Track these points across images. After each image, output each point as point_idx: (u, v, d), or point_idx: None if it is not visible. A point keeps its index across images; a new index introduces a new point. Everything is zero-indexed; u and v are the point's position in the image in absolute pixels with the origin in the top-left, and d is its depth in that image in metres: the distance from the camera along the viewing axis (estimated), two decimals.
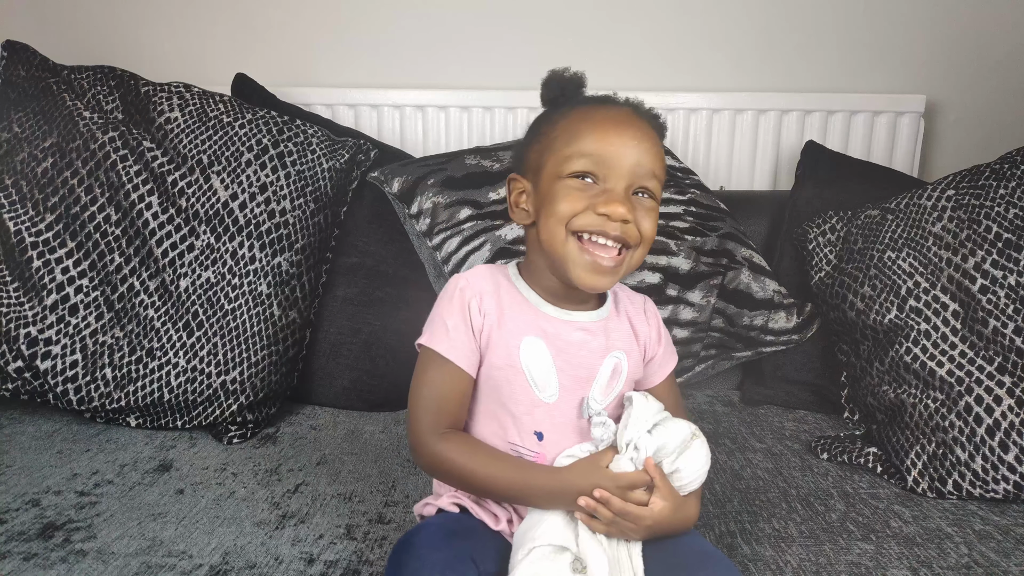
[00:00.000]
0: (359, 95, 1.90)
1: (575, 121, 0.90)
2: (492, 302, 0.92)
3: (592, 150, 0.87)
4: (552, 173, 0.89)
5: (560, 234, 0.88)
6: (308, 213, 1.50)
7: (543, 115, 0.97)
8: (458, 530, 0.86)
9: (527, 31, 1.92)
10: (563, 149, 0.89)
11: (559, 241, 0.88)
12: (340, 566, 0.96)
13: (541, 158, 0.91)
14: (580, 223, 0.87)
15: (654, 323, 1.01)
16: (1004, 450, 1.14)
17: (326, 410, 1.50)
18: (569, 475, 0.86)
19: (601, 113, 0.90)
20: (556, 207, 0.88)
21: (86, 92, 1.58)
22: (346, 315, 1.55)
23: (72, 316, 1.39)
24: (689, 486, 0.88)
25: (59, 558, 0.96)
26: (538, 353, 0.91)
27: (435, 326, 0.93)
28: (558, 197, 0.88)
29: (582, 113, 0.91)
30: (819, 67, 1.91)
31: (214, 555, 0.97)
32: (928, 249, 1.35)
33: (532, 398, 0.90)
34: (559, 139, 0.90)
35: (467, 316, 0.91)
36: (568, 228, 0.88)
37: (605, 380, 0.93)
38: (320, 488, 1.17)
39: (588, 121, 0.89)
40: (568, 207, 0.87)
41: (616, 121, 0.89)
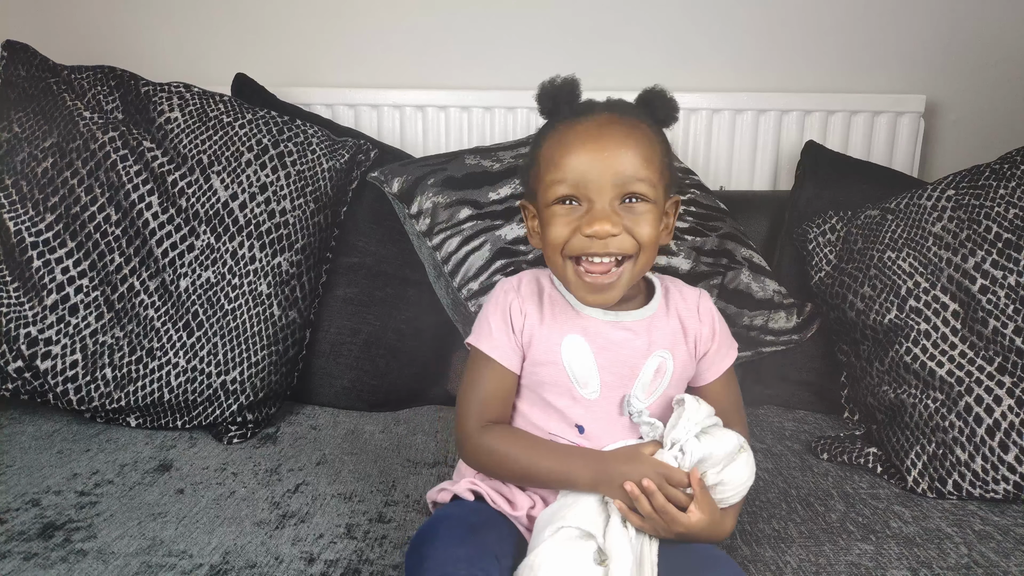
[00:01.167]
0: (359, 95, 1.90)
1: (553, 144, 0.91)
2: (533, 303, 0.96)
3: (568, 175, 0.88)
4: (543, 200, 0.92)
5: (557, 260, 0.92)
6: (308, 213, 1.50)
7: (538, 133, 0.97)
8: (478, 523, 0.87)
9: (527, 31, 1.92)
10: (546, 176, 0.91)
11: (558, 267, 0.92)
12: (340, 566, 0.96)
13: (536, 184, 0.93)
14: (572, 248, 0.89)
15: (707, 319, 1.01)
16: (1004, 450, 1.14)
17: (326, 410, 1.50)
18: (611, 459, 0.88)
19: (574, 131, 0.90)
20: (548, 236, 0.91)
21: (86, 92, 1.57)
22: (346, 315, 1.55)
23: (72, 316, 1.40)
24: (730, 500, 0.89)
25: (59, 558, 0.96)
26: (580, 351, 0.93)
27: (480, 326, 0.97)
28: (548, 225, 0.91)
29: (559, 134, 0.91)
30: (819, 67, 1.91)
31: (214, 555, 0.97)
32: (928, 249, 1.35)
33: (574, 394, 0.93)
34: (543, 166, 0.92)
35: (508, 316, 0.95)
36: (563, 254, 0.91)
37: (648, 378, 0.94)
38: (320, 488, 1.17)
39: (562, 144, 0.90)
40: (557, 234, 0.90)
41: (588, 135, 0.89)
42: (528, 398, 0.96)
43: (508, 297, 0.96)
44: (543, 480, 0.90)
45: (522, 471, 0.91)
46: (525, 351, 0.95)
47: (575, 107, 0.94)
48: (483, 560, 0.79)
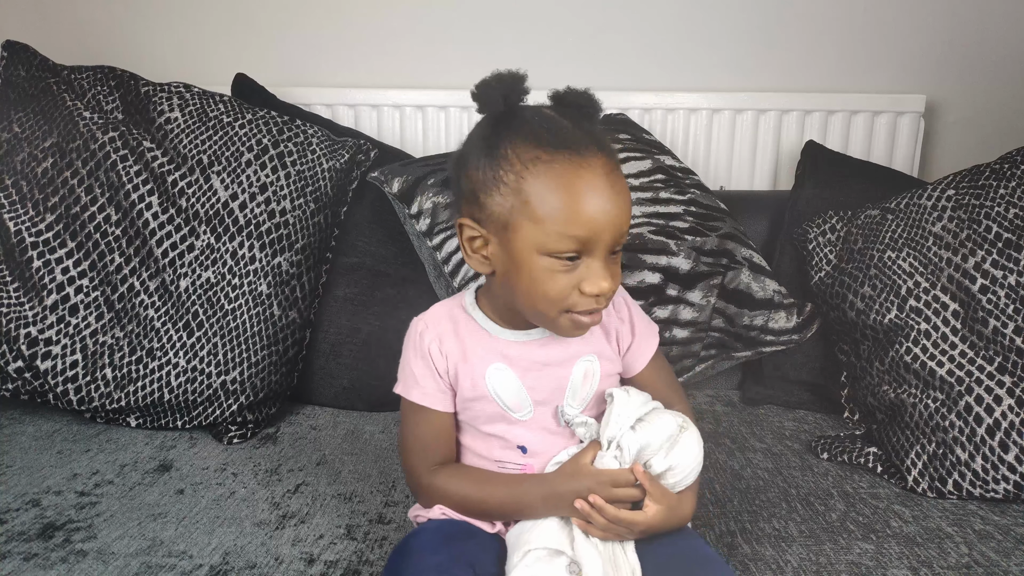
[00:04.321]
0: (359, 95, 1.90)
1: (553, 187, 0.80)
2: (452, 341, 0.92)
3: (579, 231, 0.80)
4: (531, 244, 0.82)
5: (551, 313, 0.85)
6: (308, 213, 1.50)
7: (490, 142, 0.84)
8: (455, 533, 0.87)
9: (527, 31, 1.92)
10: (543, 221, 0.80)
11: (548, 318, 0.86)
12: (340, 566, 0.96)
13: (510, 216, 0.82)
14: (570, 305, 0.84)
15: (624, 314, 0.98)
16: (1004, 450, 1.14)
17: (326, 410, 1.50)
18: (556, 480, 0.87)
19: (581, 179, 0.80)
20: (545, 290, 0.83)
21: (86, 92, 1.57)
22: (346, 315, 1.55)
23: (72, 316, 1.40)
24: (682, 483, 0.87)
25: (59, 558, 0.96)
26: (505, 378, 0.90)
27: (405, 375, 0.94)
28: (545, 281, 0.83)
29: (561, 177, 0.80)
30: (819, 67, 1.91)
31: (214, 555, 0.97)
32: (928, 249, 1.35)
33: (508, 419, 0.91)
34: (535, 204, 0.80)
35: (430, 361, 0.91)
36: (559, 309, 0.84)
37: (577, 386, 0.92)
38: (320, 488, 1.17)
39: (570, 191, 0.80)
40: (558, 292, 0.82)
41: (596, 187, 0.80)
42: (467, 431, 0.95)
43: (425, 340, 0.92)
44: (499, 513, 0.90)
45: (477, 507, 0.90)
46: (454, 388, 0.92)
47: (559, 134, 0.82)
48: (457, 568, 0.79)
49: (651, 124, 1.87)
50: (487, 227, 0.85)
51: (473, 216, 0.86)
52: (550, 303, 0.83)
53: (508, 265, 0.84)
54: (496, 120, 0.86)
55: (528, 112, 0.86)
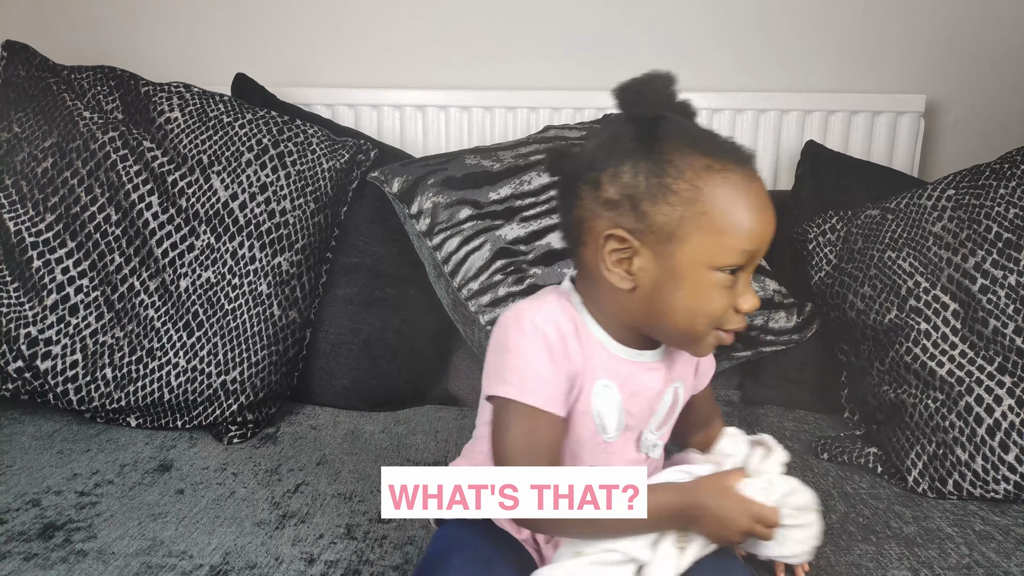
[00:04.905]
0: (359, 95, 1.90)
1: (725, 194, 0.76)
2: (575, 345, 0.82)
3: (750, 244, 0.77)
4: (698, 258, 0.77)
5: (704, 330, 0.80)
6: (308, 213, 1.50)
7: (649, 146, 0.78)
8: (492, 556, 0.82)
9: (527, 31, 1.91)
10: (717, 234, 0.76)
11: (698, 335, 0.81)
12: (340, 566, 0.96)
13: (678, 227, 0.76)
14: (725, 322, 0.80)
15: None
16: (1004, 450, 1.14)
17: (326, 410, 1.50)
18: (698, 494, 0.81)
19: (750, 190, 0.78)
20: (709, 307, 0.78)
21: (86, 92, 1.58)
22: (346, 315, 1.55)
23: (72, 316, 1.39)
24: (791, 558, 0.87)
25: (59, 558, 0.96)
26: (609, 398, 0.84)
27: (524, 375, 0.80)
28: (710, 297, 0.78)
29: (734, 184, 0.77)
30: (819, 67, 1.91)
31: (214, 555, 0.97)
32: (928, 249, 1.35)
33: (596, 440, 0.85)
34: (708, 215, 0.76)
35: (563, 363, 0.81)
36: (713, 326, 0.80)
37: (664, 413, 0.89)
38: (320, 488, 1.17)
39: (743, 202, 0.77)
40: (720, 308, 0.79)
41: (760, 200, 0.78)
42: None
43: (551, 338, 0.80)
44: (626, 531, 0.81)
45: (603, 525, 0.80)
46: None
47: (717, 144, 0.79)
48: None
49: None
50: (642, 238, 0.78)
51: (623, 225, 0.78)
52: (709, 320, 0.79)
53: (662, 279, 0.78)
54: (650, 123, 0.80)
55: (675, 118, 0.81)
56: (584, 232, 0.82)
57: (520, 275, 1.43)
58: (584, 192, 0.81)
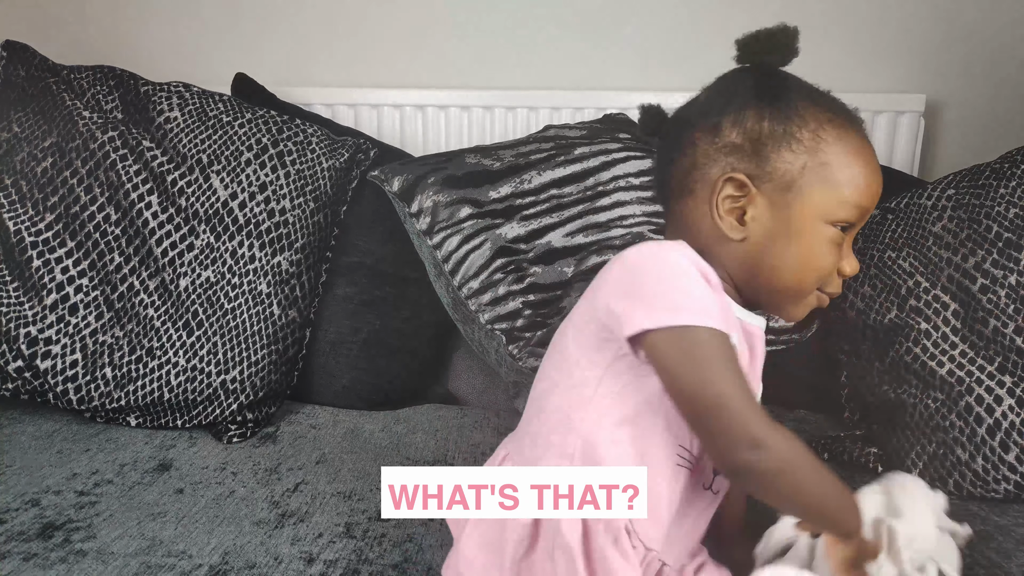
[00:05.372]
0: (359, 95, 1.90)
1: (848, 147, 0.76)
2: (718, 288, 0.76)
3: (867, 201, 0.76)
4: (816, 211, 0.75)
5: (810, 288, 0.78)
6: (308, 212, 1.50)
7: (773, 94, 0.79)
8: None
9: (527, 31, 1.91)
10: (839, 186, 0.75)
11: (803, 294, 0.78)
12: (340, 566, 0.96)
13: (799, 176, 0.75)
14: (828, 283, 0.79)
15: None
16: (1005, 450, 1.14)
17: (326, 409, 1.50)
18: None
19: (867, 146, 0.77)
20: (820, 262, 0.76)
21: (86, 92, 1.58)
22: (346, 314, 1.55)
23: (72, 316, 1.39)
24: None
25: (59, 558, 0.96)
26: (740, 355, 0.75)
27: (698, 302, 0.71)
28: (823, 252, 0.76)
29: (853, 139, 0.77)
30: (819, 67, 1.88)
31: (214, 555, 0.97)
32: (928, 249, 1.35)
33: None
34: (830, 167, 0.75)
35: (716, 293, 0.74)
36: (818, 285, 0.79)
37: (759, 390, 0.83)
38: (320, 487, 1.17)
39: (862, 157, 0.76)
40: (829, 266, 0.77)
41: (874, 160, 0.78)
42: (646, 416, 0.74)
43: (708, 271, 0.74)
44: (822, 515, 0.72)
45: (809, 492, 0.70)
46: None
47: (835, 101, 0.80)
48: None
49: None
50: (760, 185, 0.76)
51: (743, 171, 0.77)
52: (819, 277, 0.77)
53: (776, 231, 0.76)
54: (773, 74, 0.81)
55: (792, 74, 0.82)
56: (694, 180, 0.79)
57: (520, 274, 1.43)
58: (699, 138, 0.80)
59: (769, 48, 0.83)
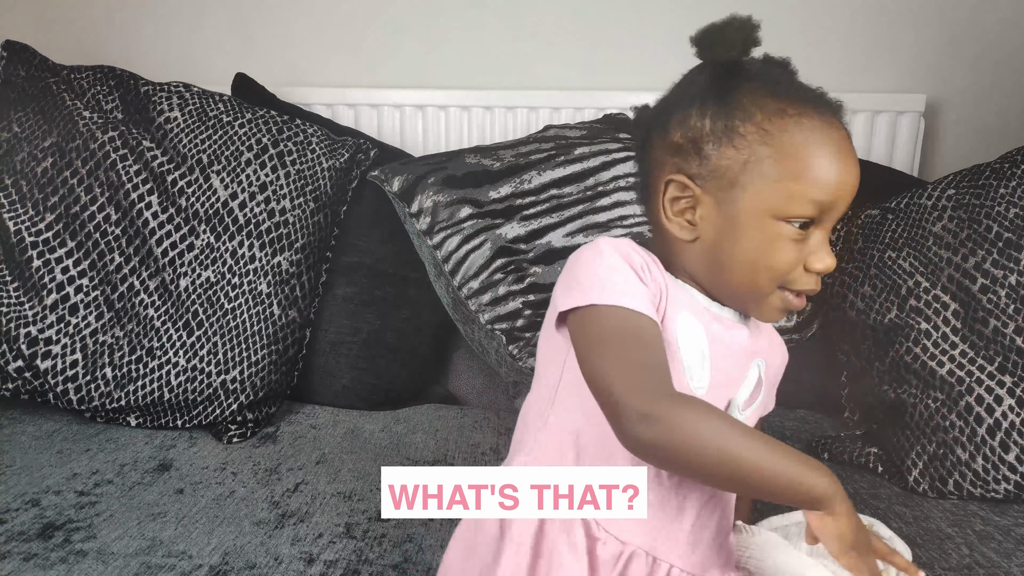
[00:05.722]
0: (359, 95, 1.90)
1: (796, 139, 0.72)
2: (657, 274, 0.76)
3: (822, 195, 0.72)
4: (762, 206, 0.73)
5: (767, 288, 0.75)
6: (308, 212, 1.50)
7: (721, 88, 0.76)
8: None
9: (527, 31, 1.91)
10: (785, 180, 0.72)
11: (761, 293, 0.76)
12: (340, 566, 0.96)
13: (742, 172, 0.73)
14: (791, 282, 0.75)
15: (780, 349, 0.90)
16: (1005, 450, 1.14)
17: (326, 409, 1.50)
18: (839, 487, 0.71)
19: (827, 136, 0.73)
20: (771, 260, 0.74)
21: (86, 92, 1.57)
22: (346, 314, 1.55)
23: (72, 316, 1.39)
24: None
25: (59, 558, 0.96)
26: (694, 333, 0.76)
27: (604, 284, 0.71)
28: (773, 249, 0.73)
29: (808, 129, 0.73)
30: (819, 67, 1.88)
31: (214, 555, 0.97)
32: (928, 249, 1.35)
33: (682, 383, 0.74)
34: (775, 160, 0.72)
35: (641, 274, 0.74)
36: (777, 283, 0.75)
37: (751, 386, 0.82)
38: (320, 487, 1.17)
39: (817, 147, 0.72)
40: (786, 263, 0.74)
41: (840, 148, 0.73)
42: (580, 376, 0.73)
43: (632, 258, 0.75)
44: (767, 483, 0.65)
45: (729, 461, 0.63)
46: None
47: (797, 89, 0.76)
48: None
49: None
50: (704, 184, 0.75)
51: (685, 171, 0.76)
52: (772, 276, 0.74)
53: (724, 230, 0.75)
54: (725, 68, 0.78)
55: (755, 63, 0.79)
56: (652, 181, 0.79)
57: (520, 274, 1.43)
58: (654, 140, 0.79)
59: (721, 41, 0.79)
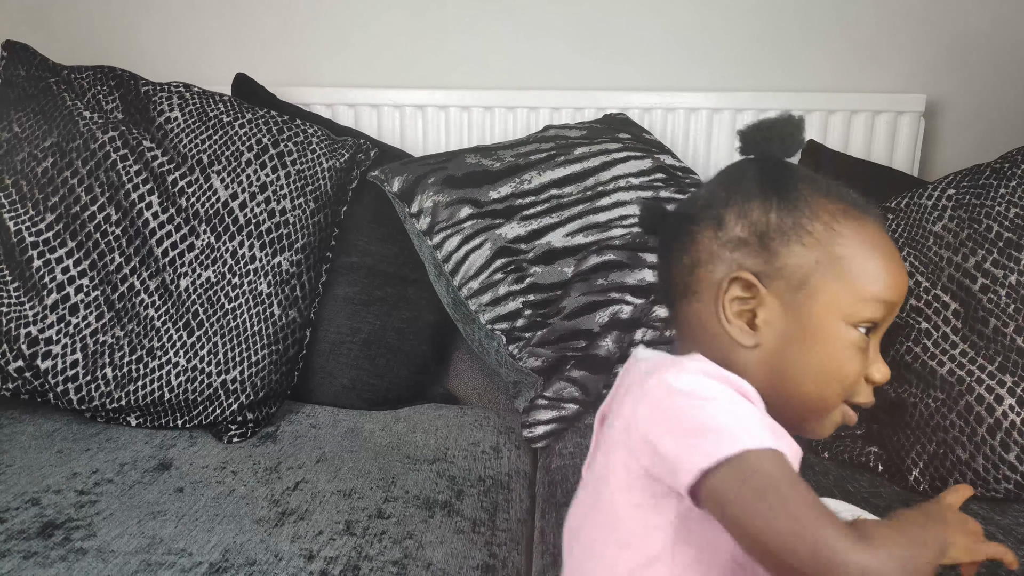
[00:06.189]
0: (359, 95, 1.90)
1: (864, 239, 0.68)
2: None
3: (894, 296, 0.68)
4: (835, 310, 0.67)
5: (834, 401, 0.69)
6: (308, 212, 1.51)
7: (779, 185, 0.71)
8: None
9: (527, 31, 1.92)
10: (860, 282, 0.67)
11: (827, 407, 0.70)
12: (340, 562, 0.96)
13: (812, 273, 0.67)
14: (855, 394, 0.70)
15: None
16: (1005, 450, 1.14)
17: (326, 409, 1.50)
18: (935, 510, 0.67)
19: (889, 241, 0.70)
20: (844, 370, 0.68)
21: (86, 92, 1.58)
22: (346, 314, 1.55)
23: (72, 316, 1.39)
24: None
25: (59, 556, 0.96)
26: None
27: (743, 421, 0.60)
28: (847, 358, 0.68)
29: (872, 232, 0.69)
30: (819, 67, 1.91)
31: (214, 552, 0.97)
32: (928, 248, 1.35)
33: None
34: (851, 261, 0.67)
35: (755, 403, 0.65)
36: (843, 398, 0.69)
37: None
38: (320, 485, 1.17)
39: (884, 248, 0.69)
40: (855, 374, 0.68)
41: (896, 250, 0.70)
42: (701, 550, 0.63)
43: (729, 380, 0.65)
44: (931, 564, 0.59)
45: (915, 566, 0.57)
46: None
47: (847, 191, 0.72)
48: None
49: (651, 124, 1.87)
50: (770, 284, 0.68)
51: (750, 269, 0.68)
52: (843, 388, 0.68)
53: (791, 335, 0.68)
54: (774, 165, 0.73)
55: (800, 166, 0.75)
56: (697, 280, 0.71)
57: (520, 274, 1.43)
58: (701, 234, 0.71)
59: (772, 137, 0.73)
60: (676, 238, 0.74)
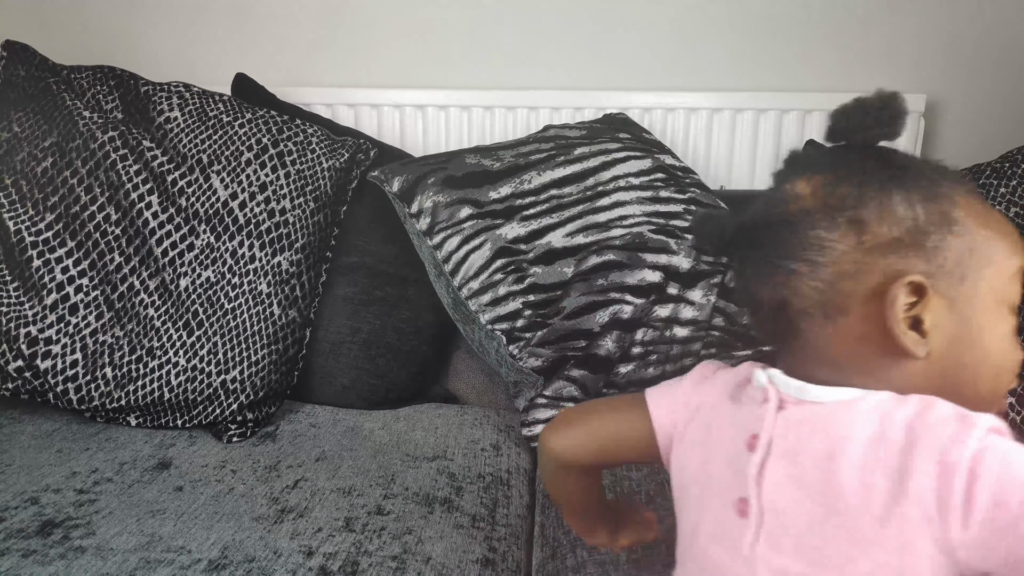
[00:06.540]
0: (359, 95, 1.90)
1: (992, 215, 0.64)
2: None
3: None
4: (997, 296, 0.62)
5: (1004, 392, 0.65)
6: (308, 212, 1.51)
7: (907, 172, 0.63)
8: None
9: (527, 31, 1.92)
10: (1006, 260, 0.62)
11: (1000, 403, 0.65)
12: (339, 558, 0.96)
13: (969, 263, 0.61)
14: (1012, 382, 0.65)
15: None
16: None
17: (326, 408, 1.50)
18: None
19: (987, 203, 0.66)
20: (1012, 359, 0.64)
21: (86, 92, 1.58)
22: (346, 314, 1.55)
23: (72, 315, 1.39)
24: None
25: (58, 555, 0.96)
26: None
27: None
28: (1011, 346, 0.63)
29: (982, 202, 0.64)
30: (819, 67, 1.91)
31: (213, 549, 0.97)
32: None
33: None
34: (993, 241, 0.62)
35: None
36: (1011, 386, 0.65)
37: None
38: (319, 483, 1.17)
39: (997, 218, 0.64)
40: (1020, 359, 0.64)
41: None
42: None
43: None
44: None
45: None
46: None
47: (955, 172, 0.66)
48: None
49: (651, 124, 1.87)
50: (935, 284, 0.61)
51: (921, 268, 0.61)
52: (1012, 378, 0.64)
53: (959, 335, 0.62)
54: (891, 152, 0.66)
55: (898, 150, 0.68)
56: (841, 295, 0.62)
57: (520, 274, 1.43)
58: (835, 243, 0.62)
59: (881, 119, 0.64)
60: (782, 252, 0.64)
